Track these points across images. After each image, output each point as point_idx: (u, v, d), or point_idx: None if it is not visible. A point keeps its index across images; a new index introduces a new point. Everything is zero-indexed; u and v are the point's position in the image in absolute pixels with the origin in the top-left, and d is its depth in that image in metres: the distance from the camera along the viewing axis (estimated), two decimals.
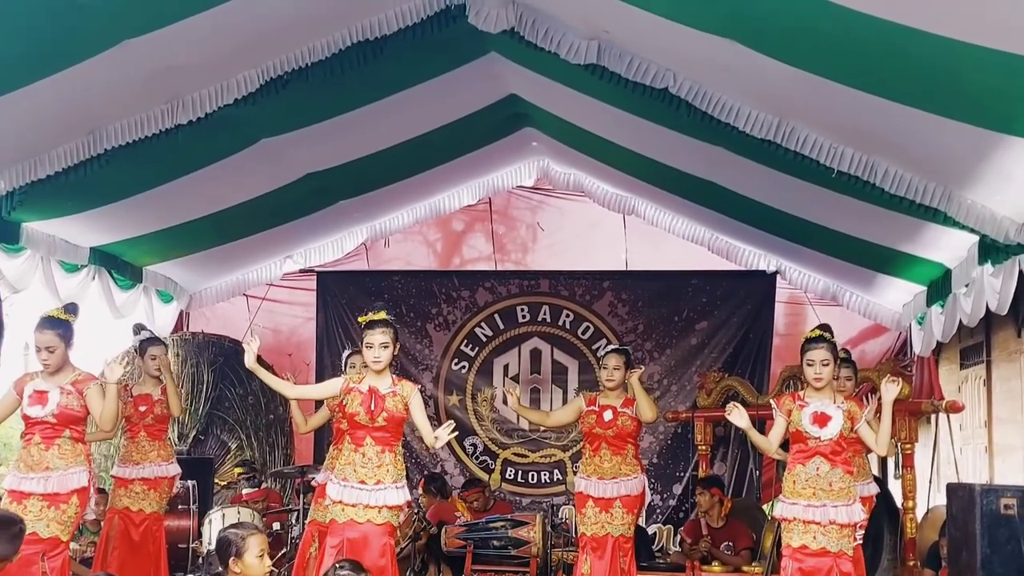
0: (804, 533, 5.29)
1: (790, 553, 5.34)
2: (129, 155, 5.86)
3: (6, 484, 5.56)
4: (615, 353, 6.68)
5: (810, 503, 5.29)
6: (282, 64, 5.61)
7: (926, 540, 7.33)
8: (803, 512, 5.30)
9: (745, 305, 9.67)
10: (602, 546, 6.42)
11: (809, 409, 5.37)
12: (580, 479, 6.59)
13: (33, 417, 5.53)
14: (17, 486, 5.44)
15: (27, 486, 5.40)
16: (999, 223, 5.10)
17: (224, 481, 9.63)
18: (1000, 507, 5.53)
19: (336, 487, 5.43)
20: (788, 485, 5.41)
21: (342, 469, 5.46)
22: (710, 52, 4.94)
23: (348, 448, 5.50)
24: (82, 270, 7.41)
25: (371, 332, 5.51)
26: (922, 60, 4.20)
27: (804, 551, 5.30)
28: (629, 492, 6.45)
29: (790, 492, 5.39)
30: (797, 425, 5.37)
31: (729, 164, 6.42)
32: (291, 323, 10.39)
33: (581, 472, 6.62)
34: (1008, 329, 7.68)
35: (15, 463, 5.61)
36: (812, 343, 5.45)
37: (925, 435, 8.17)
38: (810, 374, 5.41)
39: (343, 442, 5.65)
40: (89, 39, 4.90)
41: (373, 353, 5.48)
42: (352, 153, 7.49)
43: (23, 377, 5.65)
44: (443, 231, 10.55)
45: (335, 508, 5.43)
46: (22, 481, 5.43)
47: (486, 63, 6.64)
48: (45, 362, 5.52)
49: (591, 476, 6.51)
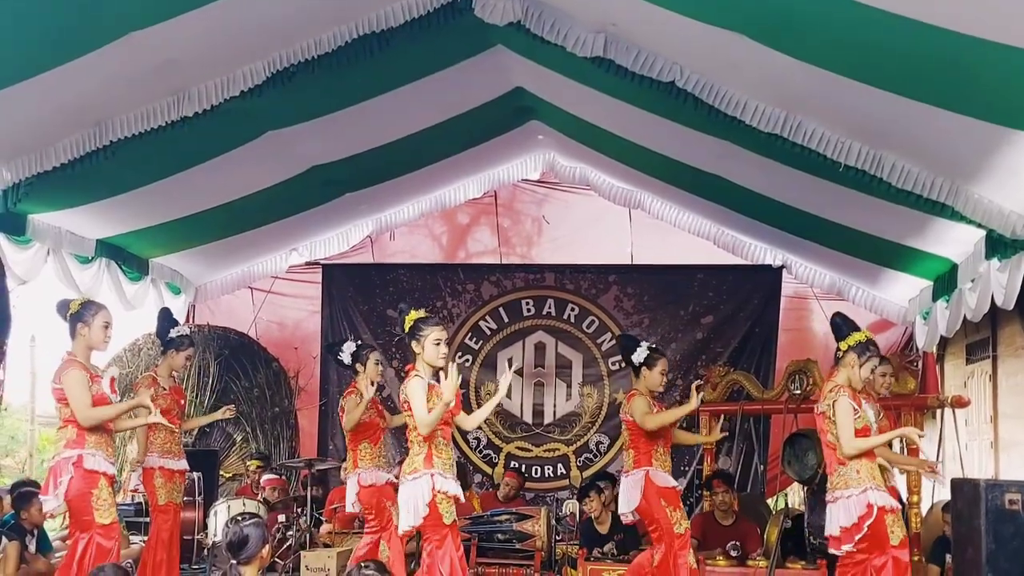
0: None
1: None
2: (135, 147, 5.87)
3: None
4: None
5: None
6: (288, 57, 5.62)
7: (930, 535, 7.32)
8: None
9: (751, 300, 9.67)
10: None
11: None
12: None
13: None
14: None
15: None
16: (1006, 218, 5.09)
17: (229, 473, 9.67)
18: (1005, 502, 5.51)
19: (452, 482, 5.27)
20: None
21: (448, 464, 5.30)
22: (717, 46, 4.93)
23: (443, 444, 5.33)
24: (94, 262, 7.43)
25: (437, 328, 5.35)
26: (929, 55, 4.19)
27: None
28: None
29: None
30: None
31: (736, 158, 6.41)
32: (296, 316, 10.41)
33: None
34: (1014, 324, 7.67)
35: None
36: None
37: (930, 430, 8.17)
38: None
39: (435, 439, 5.31)
40: (95, 31, 4.90)
41: (442, 349, 5.34)
42: (358, 146, 7.49)
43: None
44: (448, 224, 10.56)
45: (452, 507, 5.28)
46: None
47: (492, 56, 6.63)
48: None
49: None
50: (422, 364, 5.37)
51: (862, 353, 5.36)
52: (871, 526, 5.18)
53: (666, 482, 6.24)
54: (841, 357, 5.44)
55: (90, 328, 5.60)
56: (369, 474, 6.74)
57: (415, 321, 5.38)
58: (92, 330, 5.60)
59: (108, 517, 5.47)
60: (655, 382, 6.36)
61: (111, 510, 5.50)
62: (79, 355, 5.60)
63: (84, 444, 5.45)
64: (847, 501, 5.26)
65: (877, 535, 5.21)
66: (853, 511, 5.22)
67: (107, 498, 5.49)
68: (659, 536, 6.18)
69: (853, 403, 5.27)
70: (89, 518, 5.43)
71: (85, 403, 5.46)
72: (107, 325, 5.66)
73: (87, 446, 5.46)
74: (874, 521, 5.18)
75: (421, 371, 5.35)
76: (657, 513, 6.17)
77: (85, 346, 5.63)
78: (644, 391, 6.35)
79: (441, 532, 5.22)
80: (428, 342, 5.31)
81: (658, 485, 6.19)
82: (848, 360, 5.38)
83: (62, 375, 5.51)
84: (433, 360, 5.34)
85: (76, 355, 5.59)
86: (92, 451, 5.47)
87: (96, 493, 5.44)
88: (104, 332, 5.64)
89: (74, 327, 5.63)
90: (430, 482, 5.17)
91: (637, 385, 6.44)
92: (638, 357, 6.37)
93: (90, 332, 5.60)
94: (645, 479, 6.20)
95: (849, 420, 5.26)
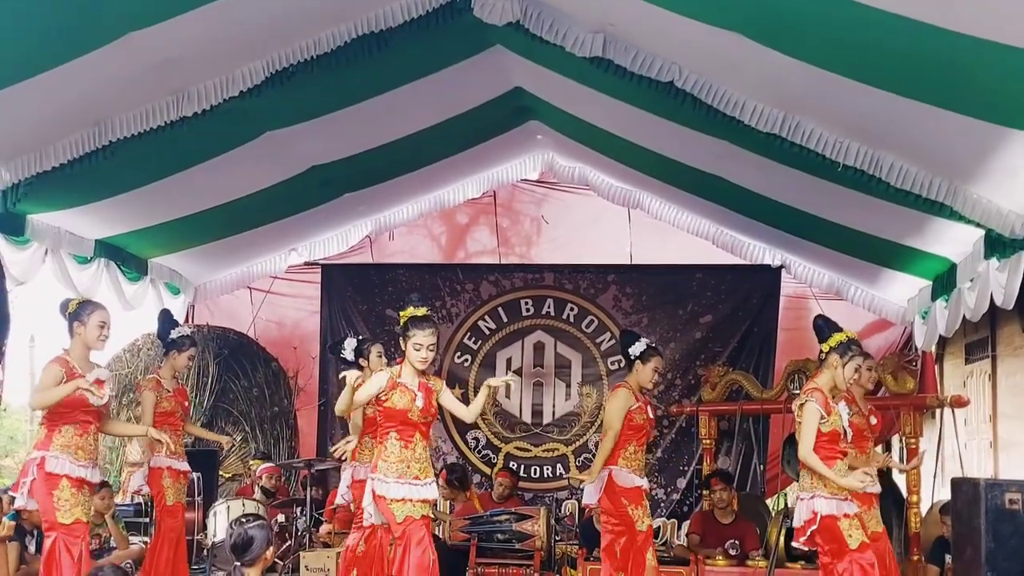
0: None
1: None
2: (134, 147, 5.87)
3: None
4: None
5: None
6: (287, 57, 5.61)
7: (930, 535, 7.33)
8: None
9: (750, 299, 9.67)
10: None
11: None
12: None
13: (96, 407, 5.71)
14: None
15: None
16: (1005, 217, 5.09)
17: (229, 473, 9.67)
18: (1005, 502, 5.53)
19: (393, 485, 5.33)
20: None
21: (395, 466, 5.35)
22: (716, 46, 4.93)
23: (396, 444, 5.37)
24: (93, 262, 7.43)
25: (422, 332, 5.37)
26: (928, 54, 4.19)
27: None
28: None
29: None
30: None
31: (734, 158, 6.41)
32: (295, 316, 10.41)
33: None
34: (1013, 324, 7.68)
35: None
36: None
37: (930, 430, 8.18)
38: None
39: (386, 439, 5.42)
40: (94, 31, 4.90)
41: (422, 355, 5.38)
42: (357, 146, 7.49)
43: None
44: (447, 224, 10.56)
45: (404, 506, 5.32)
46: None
47: (491, 56, 6.63)
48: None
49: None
50: (406, 363, 5.43)
51: (844, 353, 5.38)
52: (820, 532, 5.26)
53: (629, 482, 6.30)
54: (824, 358, 5.47)
55: (86, 327, 5.64)
56: (364, 469, 6.73)
57: (407, 319, 5.43)
58: (88, 329, 5.64)
59: (69, 517, 5.51)
60: (646, 378, 6.44)
61: (73, 511, 5.52)
62: (72, 353, 5.64)
63: (49, 447, 5.52)
64: (800, 503, 5.41)
65: (835, 541, 5.26)
66: (801, 514, 5.35)
67: (68, 498, 5.52)
68: (622, 531, 6.26)
69: (821, 408, 5.29)
70: (52, 519, 5.50)
71: (39, 387, 5.55)
72: (103, 324, 5.69)
73: (52, 448, 5.53)
74: (822, 528, 5.24)
75: (401, 368, 5.44)
76: (618, 510, 6.26)
77: (82, 345, 5.67)
78: (633, 385, 6.43)
79: (398, 529, 5.32)
80: (410, 344, 5.39)
81: (620, 485, 6.27)
82: (831, 361, 5.41)
83: (43, 369, 5.60)
84: (413, 362, 5.42)
85: (69, 353, 5.65)
86: (56, 453, 5.52)
87: (56, 494, 5.49)
88: (100, 331, 5.67)
89: (71, 326, 5.69)
90: (371, 486, 5.38)
91: (628, 378, 6.51)
92: (635, 350, 6.46)
93: (86, 331, 5.64)
94: (608, 478, 6.27)
95: (812, 426, 5.29)
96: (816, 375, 5.53)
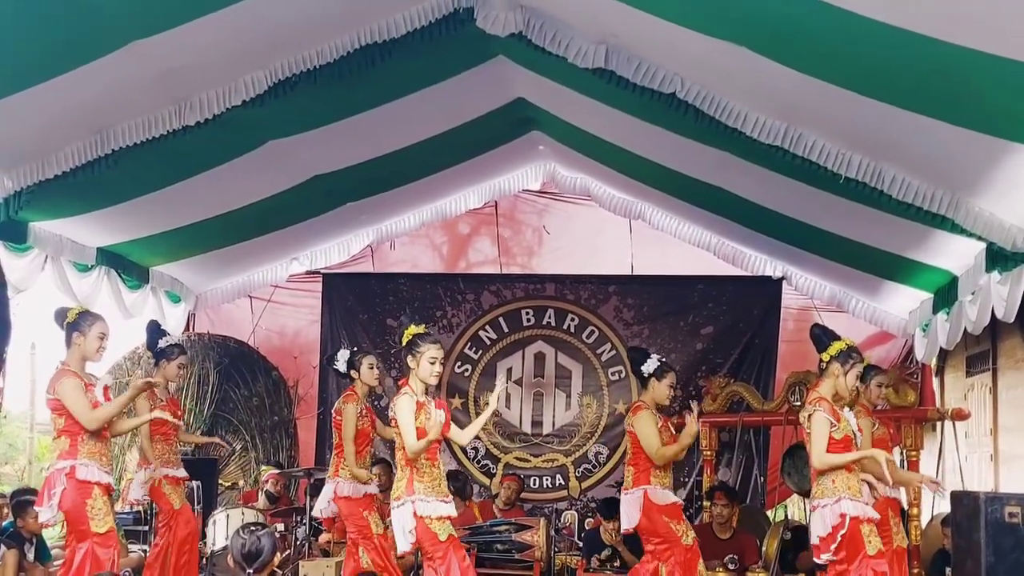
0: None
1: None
2: (137, 156, 5.88)
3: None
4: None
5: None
6: (290, 66, 5.62)
7: (930, 547, 7.31)
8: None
9: (751, 311, 9.66)
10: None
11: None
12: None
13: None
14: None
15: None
16: (1007, 231, 5.09)
17: (228, 482, 9.65)
18: (1005, 515, 5.51)
19: (435, 503, 5.34)
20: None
21: (431, 485, 5.35)
22: (718, 57, 4.94)
23: (426, 463, 5.38)
24: (93, 270, 7.43)
25: (435, 346, 5.41)
26: (931, 67, 4.19)
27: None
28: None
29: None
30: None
31: (736, 169, 6.41)
32: (296, 325, 10.41)
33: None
34: (1014, 337, 7.66)
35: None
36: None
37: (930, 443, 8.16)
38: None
39: (418, 462, 5.37)
40: (98, 40, 4.91)
41: (436, 368, 5.40)
42: (359, 156, 7.50)
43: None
44: (449, 234, 10.56)
45: (445, 524, 5.34)
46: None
47: (493, 67, 6.64)
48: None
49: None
50: (415, 380, 5.41)
51: (845, 361, 5.37)
52: (845, 536, 5.19)
53: (666, 499, 6.20)
54: (825, 368, 5.45)
55: (85, 338, 5.59)
56: (347, 485, 6.67)
57: (413, 336, 5.41)
58: (87, 340, 5.59)
59: (104, 526, 5.46)
60: (663, 395, 6.34)
61: (107, 519, 5.49)
62: (72, 364, 5.59)
63: (77, 455, 5.45)
64: (823, 511, 5.30)
65: (853, 544, 5.21)
66: (827, 521, 5.25)
67: (102, 507, 5.48)
68: (666, 550, 6.14)
69: (830, 416, 5.27)
70: (85, 528, 5.42)
71: (86, 407, 5.46)
72: (103, 336, 5.65)
73: (80, 456, 5.46)
74: (848, 531, 5.19)
75: (413, 387, 5.39)
76: (661, 529, 6.14)
77: (79, 356, 5.62)
78: (650, 403, 6.33)
79: (441, 548, 5.28)
80: (424, 359, 5.37)
81: (658, 504, 6.17)
82: (832, 370, 5.39)
83: (56, 385, 5.50)
84: (426, 378, 5.40)
85: (70, 364, 5.59)
86: (85, 461, 5.47)
87: (90, 503, 5.44)
88: (99, 343, 5.63)
89: (70, 336, 5.62)
90: (411, 508, 5.29)
91: (643, 397, 6.42)
92: (648, 368, 6.35)
93: (85, 342, 5.59)
94: (644, 498, 6.17)
95: (823, 434, 5.27)
96: (817, 385, 5.50)
